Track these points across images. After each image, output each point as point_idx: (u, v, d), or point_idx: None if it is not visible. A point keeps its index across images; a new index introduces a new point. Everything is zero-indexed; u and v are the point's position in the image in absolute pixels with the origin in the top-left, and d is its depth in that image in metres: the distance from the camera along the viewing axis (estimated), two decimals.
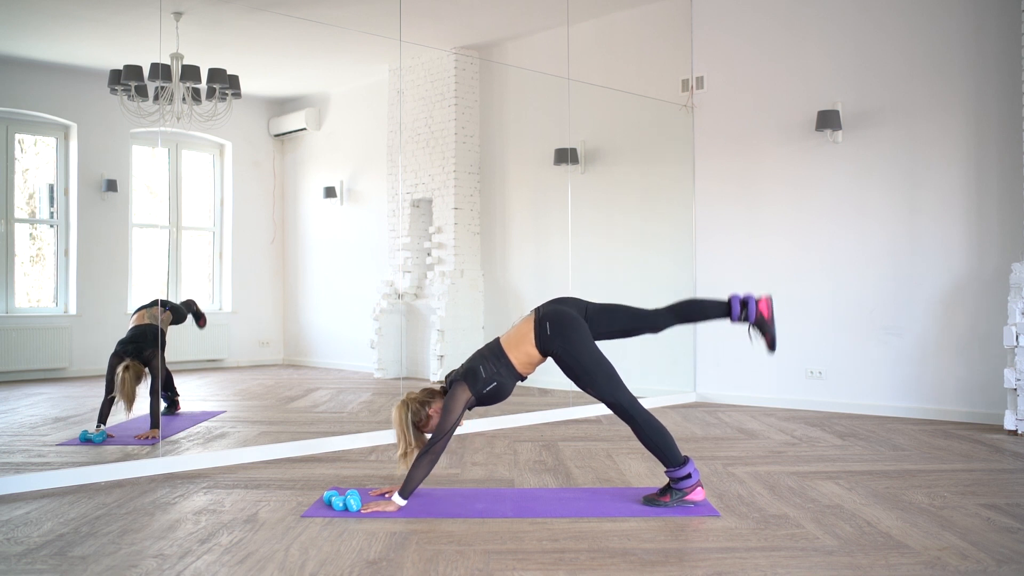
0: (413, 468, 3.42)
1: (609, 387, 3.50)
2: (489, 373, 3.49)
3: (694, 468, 3.47)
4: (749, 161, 6.78)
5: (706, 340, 7.00)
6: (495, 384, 3.48)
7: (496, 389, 3.50)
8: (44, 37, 5.81)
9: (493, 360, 3.52)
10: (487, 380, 3.48)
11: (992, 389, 5.57)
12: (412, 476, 3.42)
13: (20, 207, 5.70)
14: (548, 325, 3.52)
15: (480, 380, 3.47)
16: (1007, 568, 2.68)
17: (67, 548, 2.94)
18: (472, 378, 3.48)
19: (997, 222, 5.63)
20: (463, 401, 3.46)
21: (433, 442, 3.43)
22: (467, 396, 3.46)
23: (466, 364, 3.56)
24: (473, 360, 3.56)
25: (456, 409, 3.45)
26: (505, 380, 3.51)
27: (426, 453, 3.42)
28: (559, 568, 2.69)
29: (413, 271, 7.97)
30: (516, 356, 3.53)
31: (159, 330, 5.07)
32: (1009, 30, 5.57)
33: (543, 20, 7.41)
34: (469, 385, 3.47)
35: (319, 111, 7.56)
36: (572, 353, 3.49)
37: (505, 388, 3.52)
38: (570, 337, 3.50)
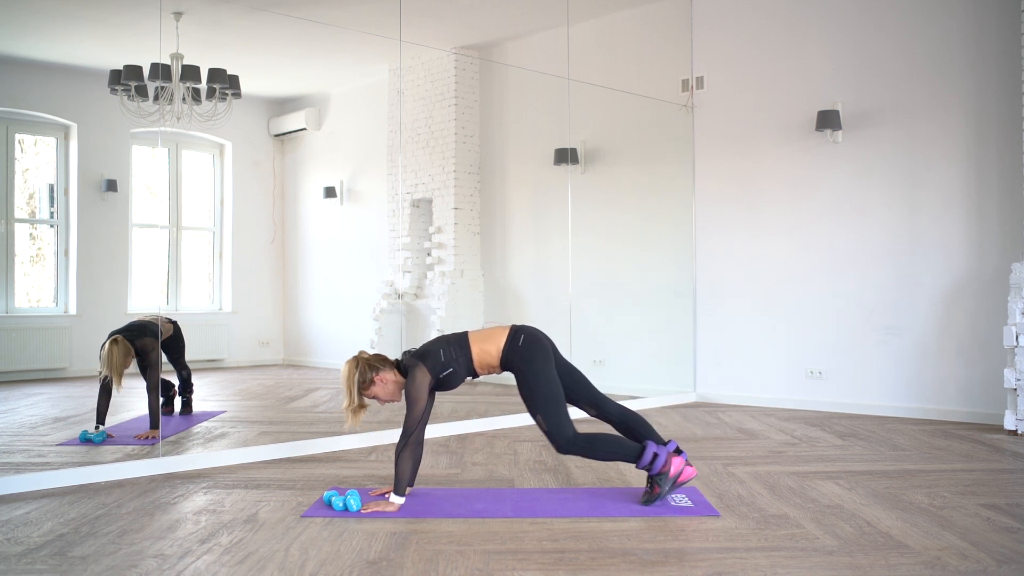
0: (398, 463, 3.43)
1: (554, 420, 3.47)
2: (448, 358, 3.50)
3: (654, 446, 3.48)
4: (749, 161, 6.77)
5: (706, 340, 7.00)
6: (451, 370, 3.50)
7: (451, 376, 3.51)
8: (44, 37, 5.80)
9: (455, 347, 3.54)
10: (445, 364, 3.49)
11: (992, 389, 5.56)
12: (399, 472, 3.43)
13: (20, 207, 5.69)
14: (523, 337, 3.55)
15: (439, 363, 3.48)
16: (1007, 568, 2.68)
17: (67, 548, 2.94)
18: (432, 360, 3.48)
19: (997, 222, 5.63)
20: (425, 385, 3.46)
21: (408, 432, 3.43)
22: (428, 379, 3.47)
23: (426, 346, 3.57)
24: (435, 343, 3.57)
25: (420, 396, 3.45)
26: (460, 370, 3.52)
27: (405, 446, 3.43)
28: (559, 568, 2.69)
29: (413, 271, 7.97)
30: (478, 352, 3.54)
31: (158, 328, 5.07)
32: (1009, 30, 5.57)
33: (543, 20, 7.41)
34: (428, 368, 3.47)
35: (319, 111, 7.56)
36: (534, 371, 3.50)
37: (458, 377, 3.53)
38: (537, 356, 3.52)
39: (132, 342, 4.92)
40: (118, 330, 4.98)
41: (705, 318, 7.01)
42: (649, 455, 3.46)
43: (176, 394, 5.61)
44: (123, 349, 4.85)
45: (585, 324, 7.12)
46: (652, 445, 3.49)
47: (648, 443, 3.50)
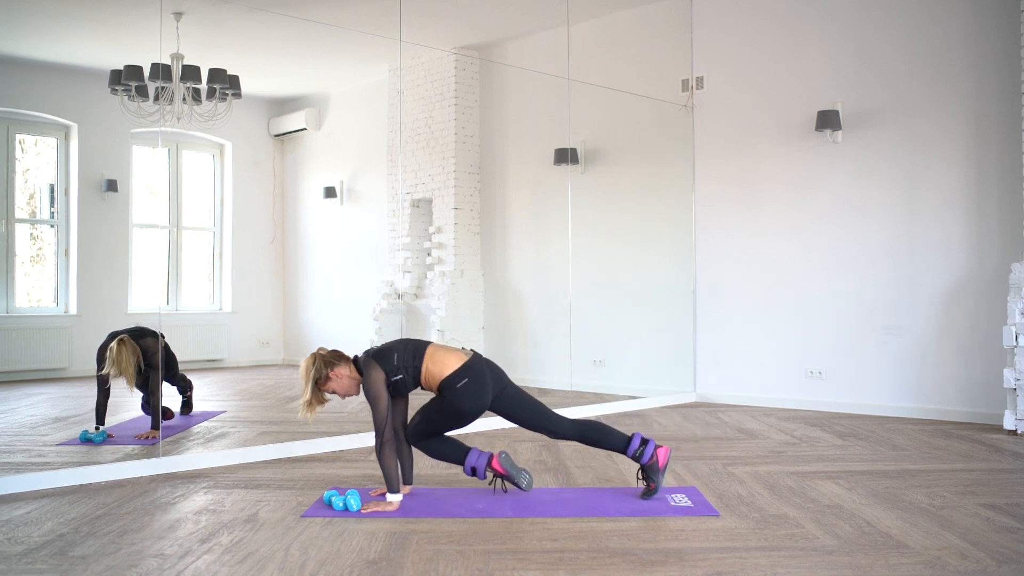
0: (381, 463, 3.44)
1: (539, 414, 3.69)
2: (400, 363, 3.52)
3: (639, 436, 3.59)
4: (749, 161, 6.78)
5: (706, 340, 7.00)
6: (400, 377, 3.52)
7: (400, 383, 3.53)
8: (44, 37, 5.81)
9: (410, 354, 3.56)
10: (396, 369, 3.51)
11: (992, 389, 5.57)
12: (385, 470, 3.43)
13: (20, 207, 5.70)
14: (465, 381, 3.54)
15: (391, 367, 3.51)
16: (1007, 568, 2.68)
17: (67, 548, 2.94)
18: (385, 361, 3.51)
19: (997, 222, 5.63)
20: (381, 381, 3.48)
21: (379, 431, 3.44)
22: (381, 375, 3.49)
23: (385, 345, 3.62)
24: (394, 344, 3.61)
25: (379, 393, 3.46)
26: (407, 379, 3.55)
27: (382, 445, 3.44)
28: (559, 568, 2.69)
29: (413, 271, 7.97)
30: (427, 367, 3.56)
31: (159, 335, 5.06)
32: (1009, 30, 5.57)
33: (543, 20, 7.41)
34: (382, 365, 3.50)
35: (319, 111, 7.56)
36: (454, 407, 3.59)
37: (405, 387, 3.57)
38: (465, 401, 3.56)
39: (136, 341, 4.92)
40: (120, 331, 4.98)
41: (705, 318, 7.01)
42: (636, 442, 3.56)
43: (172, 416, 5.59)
44: (131, 348, 4.85)
45: (585, 324, 7.12)
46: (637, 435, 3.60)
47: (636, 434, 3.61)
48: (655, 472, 3.54)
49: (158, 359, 4.96)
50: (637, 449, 3.56)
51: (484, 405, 3.60)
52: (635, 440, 3.57)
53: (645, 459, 3.54)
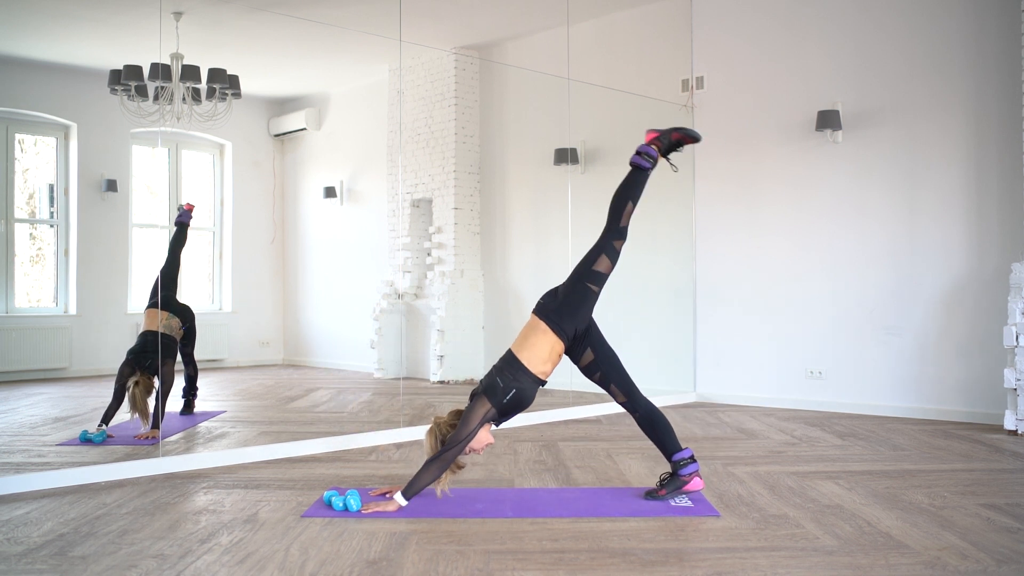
0: (421, 471, 3.43)
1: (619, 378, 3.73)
2: (506, 382, 3.51)
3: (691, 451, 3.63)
4: (749, 161, 6.78)
5: (706, 340, 7.00)
6: (514, 392, 3.50)
7: (516, 396, 3.51)
8: (44, 37, 5.80)
9: (508, 369, 3.54)
10: (505, 389, 3.49)
11: (992, 389, 5.56)
12: (419, 479, 3.42)
13: (20, 207, 5.69)
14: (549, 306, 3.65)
15: (499, 391, 3.49)
16: (1007, 568, 2.68)
17: (67, 548, 2.94)
18: (492, 391, 3.50)
19: (997, 222, 5.63)
20: (481, 414, 3.46)
21: (446, 449, 3.42)
22: (486, 408, 3.47)
23: (486, 380, 3.57)
24: (491, 375, 3.57)
25: (473, 421, 3.45)
26: (524, 386, 3.52)
27: (436, 459, 3.42)
28: (559, 568, 2.69)
29: (413, 271, 7.97)
30: (529, 357, 3.55)
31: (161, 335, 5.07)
32: (1009, 30, 5.57)
33: (543, 20, 7.41)
34: (489, 398, 3.49)
35: (319, 111, 7.56)
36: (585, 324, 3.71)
37: (525, 394, 3.54)
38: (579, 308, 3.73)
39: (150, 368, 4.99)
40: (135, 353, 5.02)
41: (705, 318, 7.01)
42: (688, 454, 3.58)
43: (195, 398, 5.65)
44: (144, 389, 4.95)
45: None
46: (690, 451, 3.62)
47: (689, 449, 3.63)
48: (676, 488, 3.54)
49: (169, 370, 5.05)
50: (683, 460, 3.56)
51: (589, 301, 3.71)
52: (686, 451, 3.60)
53: (683, 472, 3.55)
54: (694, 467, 3.57)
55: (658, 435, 3.64)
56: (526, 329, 3.63)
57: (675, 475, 3.56)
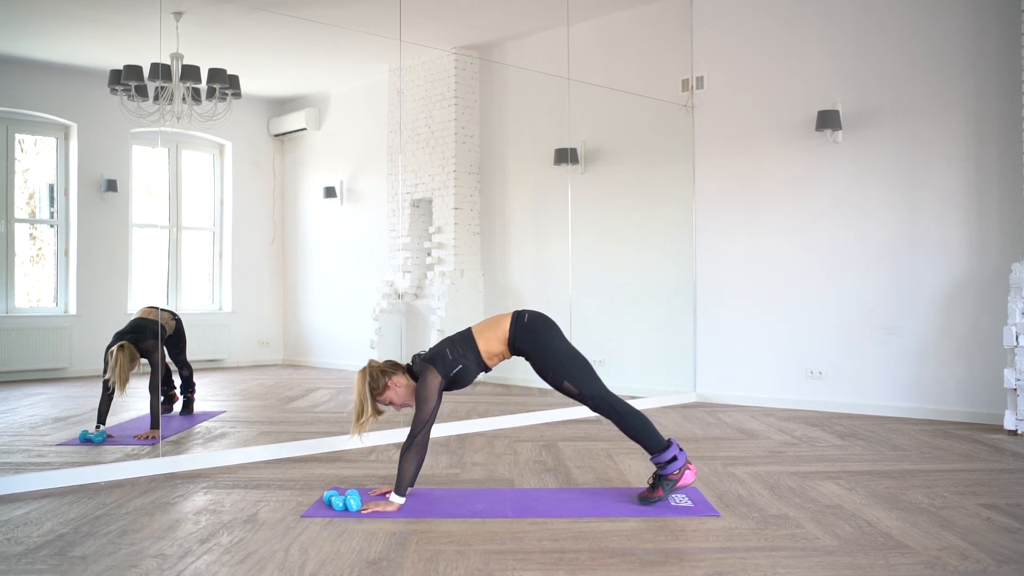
0: (402, 463, 3.44)
1: (586, 380, 3.55)
2: (455, 355, 3.53)
3: (678, 449, 3.50)
4: (749, 161, 6.77)
5: (706, 340, 7.00)
6: (460, 367, 3.52)
7: (461, 372, 3.53)
8: (44, 37, 5.80)
9: (461, 344, 3.57)
10: (453, 362, 3.51)
11: (992, 389, 5.56)
12: (402, 472, 3.43)
13: (20, 207, 5.69)
14: (527, 315, 3.61)
15: (447, 362, 3.51)
16: (1007, 568, 2.68)
17: (67, 548, 2.94)
18: (440, 361, 3.51)
19: (997, 222, 5.63)
20: (436, 386, 3.48)
21: (414, 434, 3.44)
22: (438, 380, 3.49)
23: (433, 348, 3.61)
24: (440, 345, 3.61)
25: (431, 397, 3.47)
26: (470, 365, 3.55)
27: (411, 447, 3.44)
28: (559, 568, 2.69)
29: (413, 271, 7.97)
30: (484, 343, 3.57)
31: (160, 326, 5.07)
32: (1009, 30, 5.57)
33: (543, 20, 7.41)
34: (438, 368, 3.50)
35: (319, 111, 7.56)
36: (546, 343, 3.55)
37: (468, 373, 3.56)
38: (544, 331, 3.58)
39: (136, 344, 4.93)
40: (122, 332, 4.99)
41: (705, 318, 7.01)
42: (669, 455, 3.48)
43: (177, 395, 5.62)
44: (129, 355, 4.86)
45: (585, 324, 7.12)
46: (676, 445, 3.51)
47: (673, 441, 3.52)
48: (669, 485, 3.47)
49: (157, 357, 4.98)
50: (663, 463, 3.47)
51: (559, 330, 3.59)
52: (667, 454, 3.47)
53: (666, 472, 3.47)
54: (678, 464, 3.46)
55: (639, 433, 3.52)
56: (497, 319, 3.64)
57: (661, 475, 3.48)
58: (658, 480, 3.48)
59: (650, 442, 3.51)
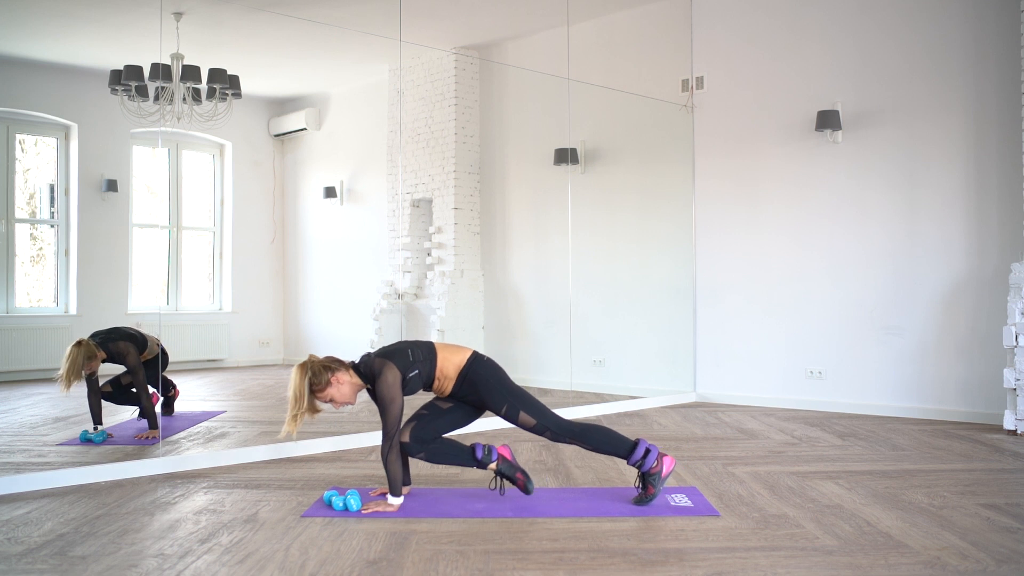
0: (388, 467, 3.40)
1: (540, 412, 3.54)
2: (415, 359, 3.47)
3: (645, 442, 3.49)
4: (749, 161, 6.78)
5: (706, 340, 7.00)
6: (416, 372, 3.46)
7: (414, 378, 3.47)
8: (44, 37, 5.81)
9: (423, 350, 3.52)
10: (412, 364, 3.45)
11: (992, 389, 5.57)
12: (391, 474, 3.41)
13: (20, 207, 5.70)
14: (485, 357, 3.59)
15: (408, 363, 3.45)
16: (1007, 568, 2.68)
17: (67, 548, 2.94)
18: (400, 359, 3.44)
19: (997, 222, 5.63)
20: (398, 382, 3.40)
21: (390, 435, 3.40)
22: (399, 376, 3.41)
23: (391, 346, 3.54)
24: (400, 344, 3.55)
25: (396, 395, 3.39)
26: (422, 376, 3.50)
27: (390, 449, 3.40)
28: (559, 568, 2.69)
29: (413, 271, 7.97)
30: (442, 361, 3.53)
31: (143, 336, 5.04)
32: (1009, 30, 5.57)
33: (543, 20, 7.41)
34: (397, 364, 3.42)
35: (319, 111, 7.56)
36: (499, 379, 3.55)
37: (417, 383, 3.50)
38: (495, 372, 3.58)
39: (105, 346, 4.87)
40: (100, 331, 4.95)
41: (705, 317, 7.02)
42: (641, 451, 3.47)
43: (177, 394, 5.62)
44: (85, 352, 4.75)
45: (585, 324, 7.12)
46: (644, 441, 3.51)
47: (640, 440, 3.52)
48: (656, 479, 3.46)
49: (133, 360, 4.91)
50: (638, 460, 3.47)
51: (508, 381, 3.56)
52: (638, 450, 3.46)
53: (646, 468, 3.47)
54: (652, 456, 3.45)
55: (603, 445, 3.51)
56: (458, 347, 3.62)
57: (645, 474, 3.48)
58: (645, 478, 3.49)
59: (619, 449, 3.51)
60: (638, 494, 3.51)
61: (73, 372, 4.69)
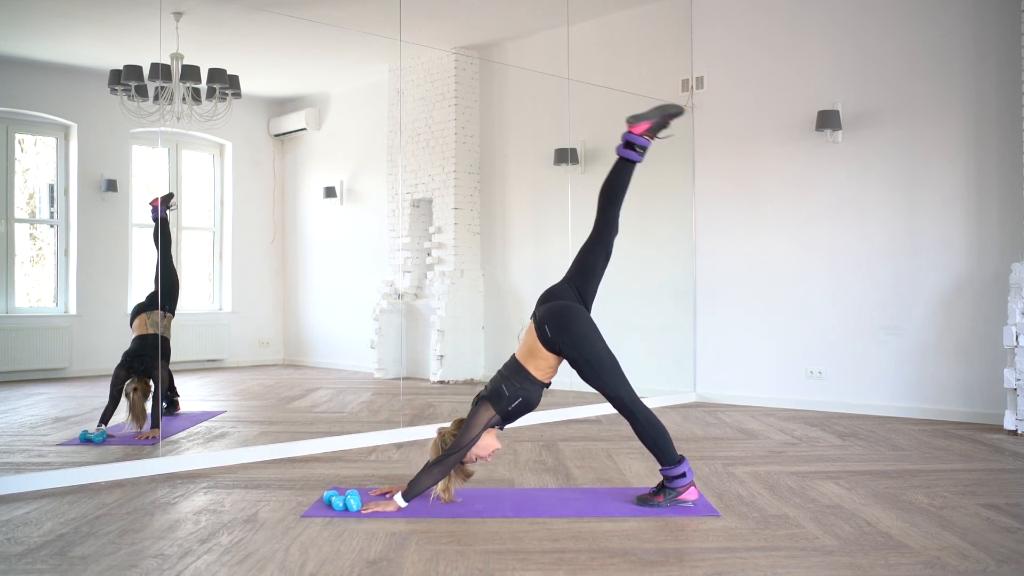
0: (422, 474, 3.42)
1: (612, 382, 3.52)
2: (512, 390, 3.50)
3: (688, 468, 3.48)
4: (749, 161, 6.78)
5: (706, 340, 7.00)
6: (520, 400, 3.50)
7: (523, 403, 3.51)
8: (44, 37, 5.81)
9: (514, 377, 3.53)
10: (512, 397, 3.49)
11: (992, 389, 5.57)
12: (419, 481, 3.41)
13: (20, 207, 5.70)
14: (547, 328, 3.55)
15: (504, 399, 3.48)
16: (1007, 568, 2.68)
17: (67, 548, 2.94)
18: (497, 398, 3.49)
19: (997, 222, 5.63)
20: (484, 419, 3.46)
21: (448, 453, 3.42)
22: (490, 415, 3.47)
23: (491, 385, 3.56)
24: (496, 381, 3.56)
25: (476, 426, 3.45)
26: (530, 392, 3.52)
27: (438, 463, 3.42)
28: (559, 568, 2.69)
29: (413, 271, 7.98)
30: (534, 366, 3.54)
31: (160, 337, 5.06)
32: (1009, 30, 5.57)
33: (543, 20, 7.41)
34: (493, 404, 3.48)
35: (319, 111, 7.56)
36: (576, 347, 3.52)
37: (531, 400, 3.53)
38: (572, 331, 3.54)
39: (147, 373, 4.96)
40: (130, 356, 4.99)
41: (705, 318, 7.01)
42: (680, 470, 3.46)
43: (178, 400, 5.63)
44: (143, 394, 4.94)
45: None
46: (687, 464, 3.49)
47: (685, 459, 3.50)
48: (672, 496, 3.46)
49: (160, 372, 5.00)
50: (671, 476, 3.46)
51: (584, 313, 3.67)
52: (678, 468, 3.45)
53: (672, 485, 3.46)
54: (685, 481, 3.46)
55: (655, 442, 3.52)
56: (529, 338, 3.59)
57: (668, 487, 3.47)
58: (664, 489, 3.48)
59: (663, 454, 3.50)
60: (647, 494, 3.51)
61: (143, 417, 4.94)
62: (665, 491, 3.46)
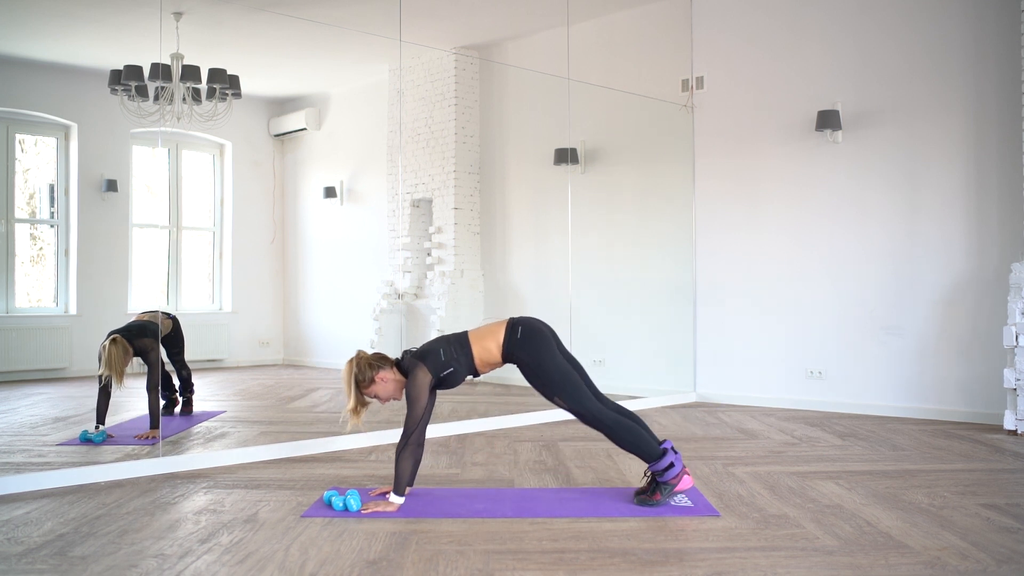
0: (398, 463, 3.44)
1: (575, 396, 3.53)
2: (448, 357, 3.51)
3: (675, 456, 3.47)
4: (749, 161, 6.78)
5: (706, 340, 7.00)
6: (452, 370, 3.50)
7: (451, 375, 3.51)
8: (44, 37, 5.81)
9: (456, 346, 3.55)
10: (445, 363, 3.49)
11: (992, 389, 5.57)
12: (399, 472, 3.43)
13: (20, 207, 5.70)
14: (520, 329, 3.57)
15: (439, 363, 3.49)
16: (1007, 568, 2.68)
17: (67, 548, 2.94)
18: (432, 360, 3.49)
19: (997, 222, 5.63)
20: (426, 384, 3.47)
21: (408, 433, 3.44)
22: (429, 378, 3.47)
23: (426, 345, 3.58)
24: (435, 343, 3.58)
25: (421, 396, 3.45)
26: (460, 369, 3.53)
27: (405, 446, 3.44)
28: (559, 568, 2.69)
29: (413, 271, 7.97)
30: (478, 350, 3.55)
31: (158, 327, 5.07)
32: (1009, 30, 5.57)
33: (543, 20, 7.41)
34: (429, 367, 3.47)
35: (319, 111, 7.56)
36: (537, 361, 3.53)
37: (458, 376, 3.54)
38: (538, 346, 3.54)
39: (131, 342, 4.91)
40: (117, 330, 4.98)
41: (705, 318, 7.01)
42: (666, 462, 3.45)
43: (178, 396, 5.62)
44: (121, 348, 4.83)
45: (585, 324, 7.12)
46: (672, 452, 3.48)
47: (668, 446, 3.50)
48: (667, 490, 3.45)
49: (155, 356, 4.96)
50: (660, 470, 3.45)
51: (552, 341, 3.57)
52: (663, 461, 3.44)
53: (663, 478, 3.45)
54: (674, 471, 3.44)
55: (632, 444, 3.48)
56: (493, 327, 3.61)
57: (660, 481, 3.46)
58: (656, 485, 3.47)
59: (644, 452, 3.49)
60: (644, 495, 3.48)
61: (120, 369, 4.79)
62: (660, 487, 3.46)
